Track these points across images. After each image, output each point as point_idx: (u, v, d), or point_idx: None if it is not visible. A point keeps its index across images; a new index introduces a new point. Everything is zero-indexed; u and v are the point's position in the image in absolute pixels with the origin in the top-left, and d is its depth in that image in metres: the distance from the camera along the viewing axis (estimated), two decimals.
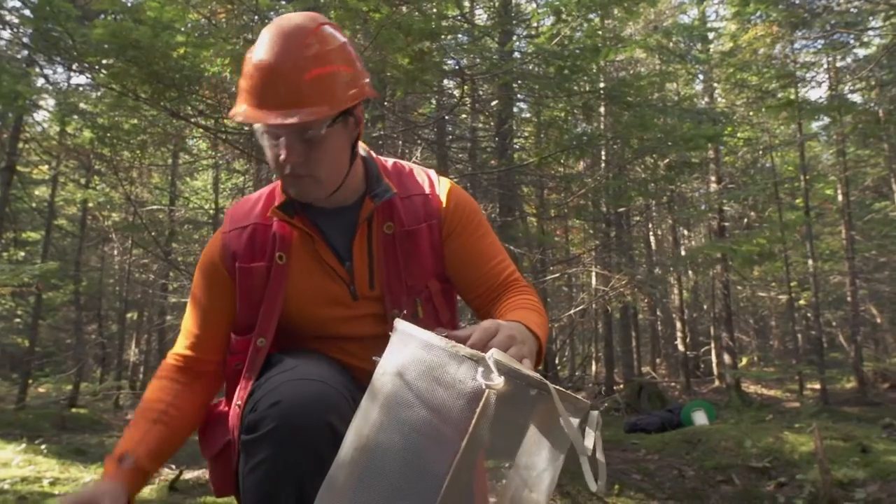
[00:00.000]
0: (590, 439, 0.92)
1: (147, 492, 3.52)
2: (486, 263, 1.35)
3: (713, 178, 10.79)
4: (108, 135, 4.62)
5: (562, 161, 5.10)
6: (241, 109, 1.20)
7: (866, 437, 4.69)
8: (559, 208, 6.47)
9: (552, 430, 0.93)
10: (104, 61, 3.20)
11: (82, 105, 5.36)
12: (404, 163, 1.44)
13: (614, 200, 5.72)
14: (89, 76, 4.04)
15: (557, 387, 0.90)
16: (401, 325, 1.04)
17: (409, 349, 0.99)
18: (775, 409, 8.78)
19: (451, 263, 1.37)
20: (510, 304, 1.30)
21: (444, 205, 1.34)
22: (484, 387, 0.84)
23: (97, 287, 12.88)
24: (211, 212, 10.70)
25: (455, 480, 0.88)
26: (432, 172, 1.42)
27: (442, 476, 0.88)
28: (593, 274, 6.94)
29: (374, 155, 1.39)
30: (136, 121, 4.28)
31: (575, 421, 0.93)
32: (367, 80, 1.28)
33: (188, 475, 3.90)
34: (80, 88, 8.37)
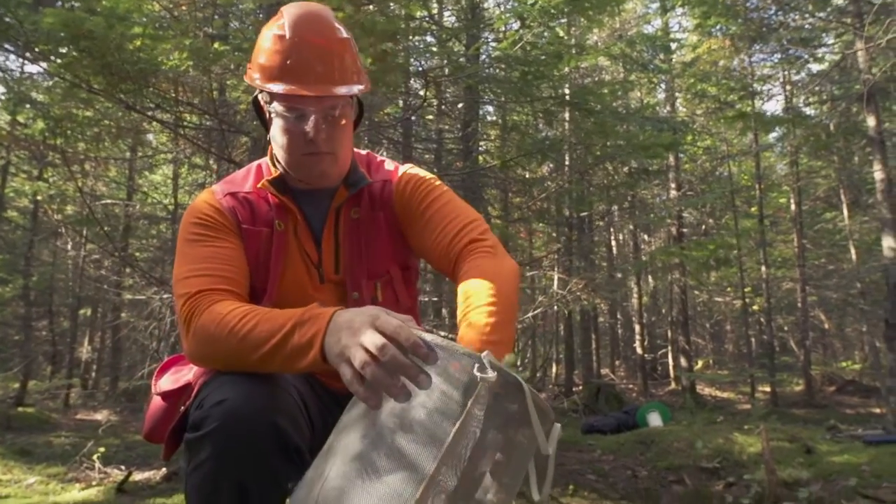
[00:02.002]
0: (550, 448, 0.99)
1: (94, 493, 3.43)
2: (434, 230, 1.33)
3: (673, 185, 11.05)
4: (61, 126, 4.48)
5: (525, 165, 5.16)
6: (280, 88, 1.23)
7: (811, 439, 4.86)
8: (522, 211, 6.53)
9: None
10: (57, 50, 3.10)
11: (34, 94, 5.17)
12: (378, 156, 1.48)
13: (576, 205, 5.80)
14: (42, 65, 3.91)
15: (532, 390, 0.98)
16: None
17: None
18: (728, 411, 9.03)
19: (412, 243, 1.39)
20: (463, 301, 1.20)
21: (395, 192, 1.38)
22: (479, 379, 0.91)
23: (48, 282, 12.46)
24: (170, 207, 10.47)
25: (448, 457, 0.92)
26: (402, 165, 1.46)
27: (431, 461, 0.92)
28: (555, 278, 7.04)
29: (352, 147, 1.44)
30: (90, 112, 4.16)
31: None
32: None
33: (138, 476, 3.80)
34: (33, 77, 8.09)
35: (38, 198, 7.78)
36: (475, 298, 1.19)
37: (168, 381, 1.34)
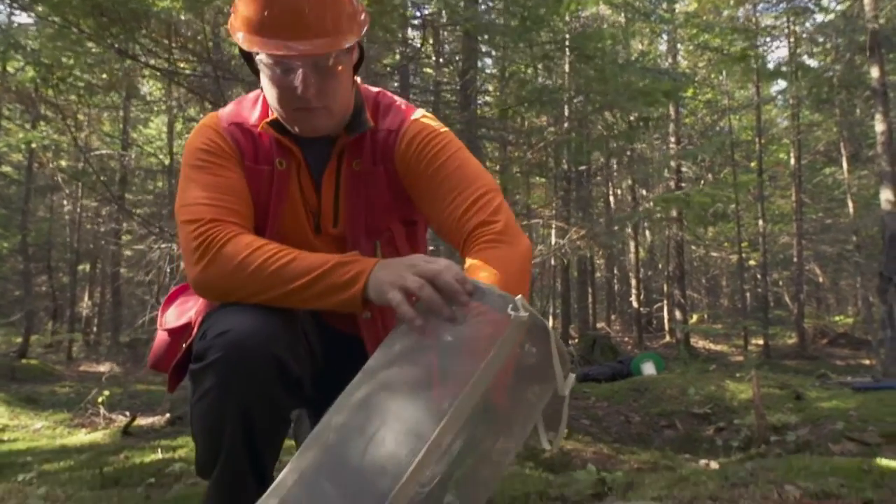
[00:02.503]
0: (567, 391, 1.05)
1: (100, 436, 3.51)
2: (443, 199, 1.25)
3: (672, 139, 10.95)
4: (52, 75, 4.40)
5: (524, 115, 5.09)
6: (259, 40, 1.14)
7: (801, 386, 4.96)
8: (521, 164, 6.49)
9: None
10: None
11: (24, 41, 5.06)
12: (389, 94, 1.37)
13: (575, 157, 5.76)
14: (30, 14, 3.81)
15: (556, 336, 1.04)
16: None
17: None
18: (720, 363, 9.18)
19: (416, 203, 1.31)
20: (475, 254, 1.18)
21: (399, 145, 1.28)
22: (512, 318, 0.97)
23: (46, 237, 12.45)
24: (166, 161, 10.38)
25: (474, 392, 0.96)
26: (413, 110, 1.34)
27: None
28: (553, 230, 7.05)
29: (360, 83, 1.34)
30: (81, 60, 4.07)
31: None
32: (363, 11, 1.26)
33: (142, 421, 3.89)
34: (22, 26, 7.90)
35: (33, 146, 7.67)
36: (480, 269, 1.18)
37: (173, 315, 1.35)
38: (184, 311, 1.36)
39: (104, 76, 5.21)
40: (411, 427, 0.96)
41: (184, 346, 1.27)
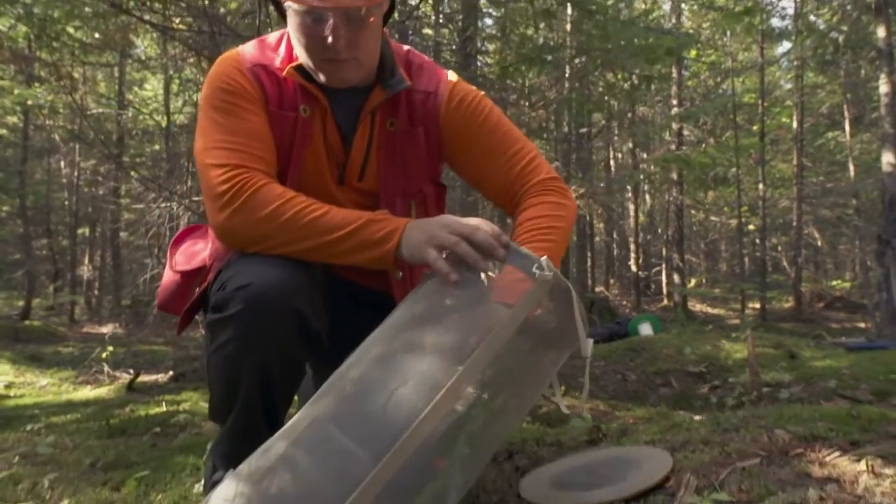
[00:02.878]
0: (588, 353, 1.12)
1: (105, 392, 3.57)
2: (496, 167, 1.28)
3: (675, 101, 10.84)
4: (45, 32, 4.33)
5: (524, 72, 5.02)
6: None
7: (795, 346, 5.02)
8: (521, 124, 6.43)
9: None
10: None
11: None
12: (418, 53, 1.36)
13: (576, 118, 5.71)
14: None
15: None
16: None
17: None
18: (717, 325, 9.27)
19: (461, 166, 1.33)
20: (521, 230, 1.24)
21: (443, 108, 1.27)
22: (537, 277, 1.01)
23: (44, 200, 12.42)
24: (163, 123, 10.28)
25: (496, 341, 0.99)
26: (444, 71, 1.34)
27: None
28: None
29: (389, 39, 1.30)
30: (75, 11, 4.00)
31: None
32: None
33: (146, 378, 3.95)
34: None
35: (29, 103, 7.58)
36: (536, 222, 1.23)
37: (183, 258, 1.35)
38: (195, 254, 1.36)
39: (97, 35, 5.13)
40: (432, 384, 0.98)
41: (197, 290, 1.28)
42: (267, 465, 0.89)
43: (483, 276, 1.07)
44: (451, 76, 1.32)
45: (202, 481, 1.46)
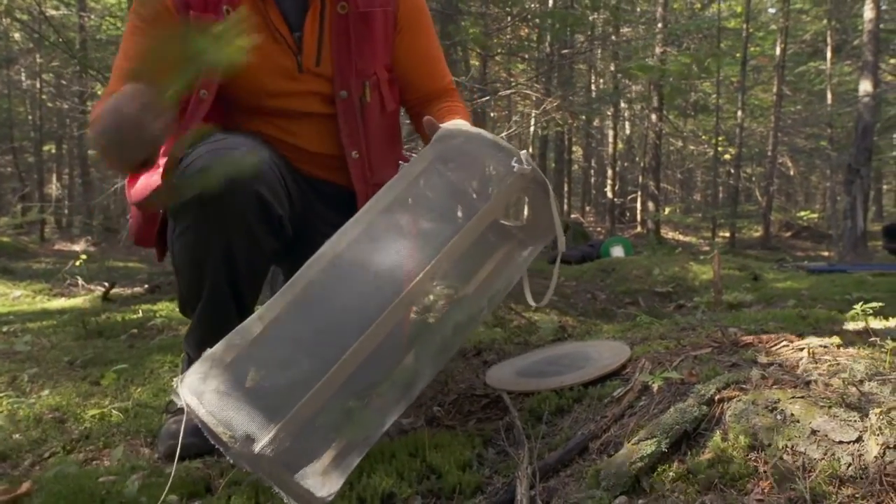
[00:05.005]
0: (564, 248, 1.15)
1: (80, 301, 3.58)
2: (431, 66, 1.40)
3: (660, 25, 10.61)
4: None
5: None
6: None
7: (759, 269, 5.20)
8: (502, 45, 6.26)
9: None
10: None
11: None
12: None
13: (558, 32, 5.56)
14: None
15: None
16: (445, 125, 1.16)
17: (452, 142, 1.11)
18: (687, 251, 9.49)
19: (399, 60, 1.38)
20: (446, 108, 1.35)
21: None
22: (515, 170, 1.03)
23: (6, 114, 11.91)
24: None
25: (468, 236, 1.01)
26: None
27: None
28: (532, 112, 6.95)
29: None
30: None
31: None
32: None
33: (120, 290, 3.96)
34: None
35: None
36: (456, 111, 1.34)
37: (140, 188, 1.36)
38: (150, 183, 1.36)
39: None
40: (410, 254, 1.01)
41: (161, 211, 1.29)
42: (241, 344, 0.93)
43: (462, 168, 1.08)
44: None
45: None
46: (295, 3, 1.28)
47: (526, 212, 1.15)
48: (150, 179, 1.34)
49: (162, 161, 1.32)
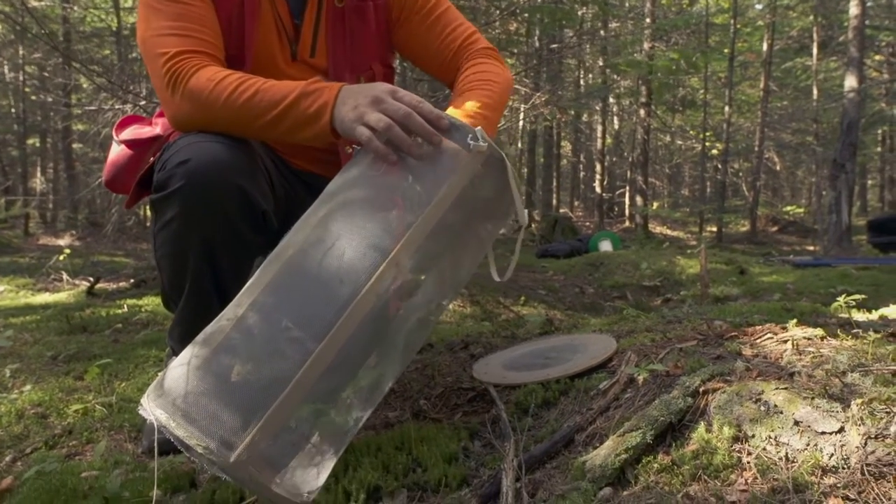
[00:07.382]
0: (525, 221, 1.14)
1: (64, 296, 3.54)
2: (438, 39, 1.35)
3: (648, 20, 10.64)
4: None
5: None
6: None
7: (746, 263, 5.24)
8: (491, 38, 6.25)
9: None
10: None
11: None
12: None
13: (547, 27, 5.55)
14: None
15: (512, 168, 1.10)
16: None
17: None
18: (675, 246, 9.54)
19: (407, 47, 1.38)
20: (461, 85, 1.29)
21: None
22: (472, 148, 1.02)
23: None
24: (114, 26, 9.65)
25: (433, 216, 1.00)
26: None
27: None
28: (521, 107, 6.95)
29: None
30: None
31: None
32: None
33: (105, 285, 3.92)
34: None
35: None
36: (478, 75, 1.28)
37: (131, 132, 1.34)
38: (142, 133, 1.35)
39: None
40: (370, 242, 1.00)
41: (151, 159, 1.27)
42: (221, 330, 0.92)
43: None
44: None
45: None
46: None
47: (486, 189, 1.14)
48: (139, 131, 1.34)
49: (157, 120, 1.34)
